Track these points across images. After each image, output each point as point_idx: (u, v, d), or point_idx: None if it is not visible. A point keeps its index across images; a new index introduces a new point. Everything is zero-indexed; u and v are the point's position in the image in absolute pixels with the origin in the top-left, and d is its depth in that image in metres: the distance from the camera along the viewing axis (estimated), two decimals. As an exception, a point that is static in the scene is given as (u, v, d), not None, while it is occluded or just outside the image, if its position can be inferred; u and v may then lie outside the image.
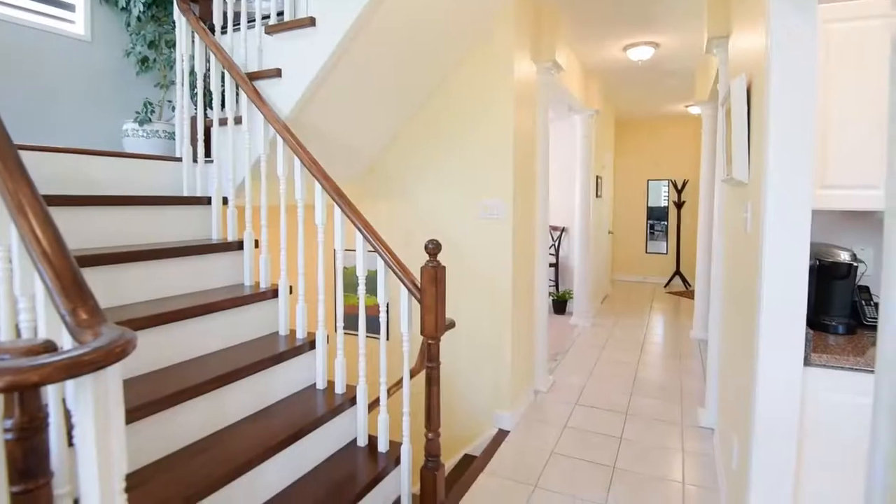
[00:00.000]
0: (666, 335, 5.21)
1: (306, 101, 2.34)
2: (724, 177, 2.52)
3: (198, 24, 2.37)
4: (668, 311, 6.28)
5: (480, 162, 3.07)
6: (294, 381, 2.06)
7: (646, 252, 8.36)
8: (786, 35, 1.60)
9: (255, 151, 2.33)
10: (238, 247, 2.29)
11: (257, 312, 2.15)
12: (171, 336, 1.79)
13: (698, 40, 4.16)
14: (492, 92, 3.01)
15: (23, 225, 0.94)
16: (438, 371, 1.91)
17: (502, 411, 3.10)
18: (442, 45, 2.81)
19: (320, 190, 2.03)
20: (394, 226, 3.37)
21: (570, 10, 3.57)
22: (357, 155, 3.18)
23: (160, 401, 1.51)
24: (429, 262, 1.84)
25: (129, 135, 3.06)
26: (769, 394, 1.64)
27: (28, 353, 0.74)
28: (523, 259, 3.28)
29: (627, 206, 8.45)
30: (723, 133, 2.59)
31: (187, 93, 2.48)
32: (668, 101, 6.71)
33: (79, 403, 0.77)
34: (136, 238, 2.11)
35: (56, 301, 0.86)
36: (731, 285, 2.53)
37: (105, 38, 3.42)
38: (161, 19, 3.36)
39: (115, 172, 2.21)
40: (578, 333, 5.24)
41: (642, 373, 4.06)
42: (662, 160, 8.21)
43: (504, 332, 3.08)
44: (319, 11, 2.22)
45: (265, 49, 2.42)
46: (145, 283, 1.92)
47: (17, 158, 1.04)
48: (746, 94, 2.03)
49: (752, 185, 1.94)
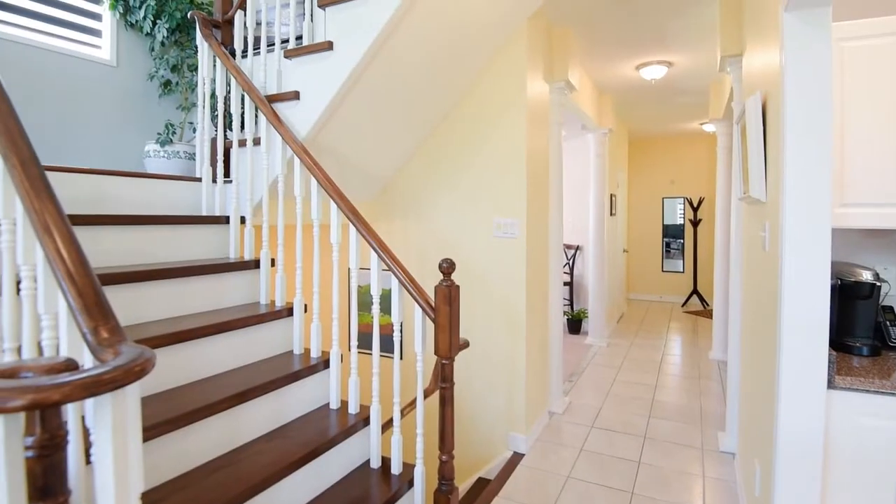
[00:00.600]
0: (684, 356, 5.11)
1: (323, 123, 2.38)
2: (741, 195, 2.50)
3: (219, 48, 2.44)
4: (685, 331, 6.18)
5: (494, 181, 3.08)
6: (308, 401, 2.06)
7: (662, 271, 8.26)
8: (800, 53, 1.60)
9: (272, 172, 2.37)
10: (255, 265, 2.31)
11: (272, 331, 2.16)
12: (188, 354, 1.81)
13: (711, 59, 4.17)
14: (505, 112, 3.04)
15: (48, 244, 0.97)
16: (452, 392, 1.90)
17: (517, 433, 3.06)
18: (456, 67, 2.85)
19: (336, 209, 2.05)
20: (408, 245, 3.38)
21: (581, 30, 3.61)
22: (372, 175, 3.22)
23: (176, 419, 1.52)
24: (443, 281, 1.84)
25: (150, 155, 3.14)
26: (792, 417, 1.60)
27: (50, 371, 0.75)
28: (537, 278, 3.27)
29: (642, 224, 8.39)
30: (738, 151, 2.57)
31: (208, 115, 2.54)
32: (682, 119, 6.70)
33: (98, 422, 0.78)
34: (157, 256, 2.15)
35: (78, 319, 0.88)
36: (751, 305, 2.48)
37: (130, 63, 3.54)
38: (184, 44, 3.47)
39: (137, 192, 2.27)
40: (594, 353, 5.17)
41: (660, 395, 3.98)
42: (677, 178, 8.16)
43: (518, 352, 3.06)
44: (337, 36, 2.27)
45: (284, 72, 2.48)
46: (164, 302, 1.95)
47: (44, 179, 1.07)
48: (762, 113, 2.02)
49: (770, 204, 1.92)
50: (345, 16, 2.25)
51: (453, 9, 2.41)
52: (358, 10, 2.22)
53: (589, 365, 4.79)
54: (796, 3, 1.56)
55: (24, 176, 1.05)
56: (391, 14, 2.14)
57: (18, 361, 0.80)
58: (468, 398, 3.20)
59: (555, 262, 3.57)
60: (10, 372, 0.74)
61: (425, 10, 2.27)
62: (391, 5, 2.13)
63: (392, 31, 2.22)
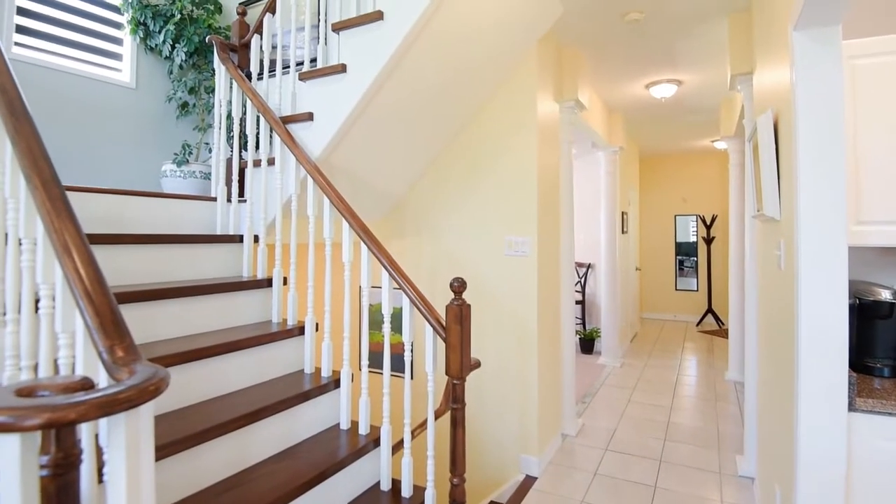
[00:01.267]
0: (700, 376, 5.02)
1: (336, 143, 2.42)
2: (755, 213, 2.48)
3: (236, 71, 2.50)
4: (701, 351, 6.07)
5: (505, 200, 3.09)
6: (318, 421, 2.05)
7: (675, 289, 8.17)
8: (810, 71, 1.60)
9: (286, 191, 2.40)
10: (267, 284, 2.33)
11: (284, 350, 2.16)
12: (201, 373, 1.82)
13: (721, 77, 4.18)
14: (515, 131, 3.06)
15: (67, 263, 0.99)
16: (464, 413, 1.88)
17: (529, 456, 3.01)
18: (467, 87, 2.89)
19: (348, 228, 2.07)
20: (419, 263, 3.39)
21: (590, 50, 3.65)
22: (383, 194, 3.25)
23: (187, 438, 1.52)
24: (454, 300, 1.84)
25: (167, 175, 3.21)
26: (812, 441, 1.56)
27: (66, 389, 0.76)
28: (549, 296, 3.25)
29: (655, 242, 8.33)
30: (751, 169, 2.56)
31: (224, 135, 2.59)
32: (693, 137, 6.69)
33: (112, 441, 0.79)
34: (172, 275, 2.18)
35: (95, 338, 0.89)
36: (767, 325, 2.44)
37: (149, 85, 3.64)
38: (201, 67, 3.56)
39: (154, 211, 2.31)
40: (607, 374, 5.09)
41: (676, 417, 3.90)
42: (690, 195, 8.12)
43: (530, 373, 3.02)
44: (350, 59, 2.32)
45: (298, 94, 2.53)
46: (178, 320, 1.96)
47: (64, 199, 1.09)
48: (774, 130, 2.02)
49: (785, 222, 1.90)
50: (358, 40, 2.30)
51: (464, 32, 2.46)
52: (371, 35, 2.27)
53: (602, 386, 4.71)
54: (805, 22, 1.57)
55: (46, 196, 1.07)
56: (403, 38, 2.18)
57: (35, 380, 0.81)
58: (479, 419, 3.17)
59: (566, 280, 3.55)
60: (28, 390, 0.75)
61: (436, 33, 2.32)
62: (403, 29, 2.18)
63: (404, 53, 2.26)
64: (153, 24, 3.42)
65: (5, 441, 0.70)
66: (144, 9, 3.40)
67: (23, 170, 1.12)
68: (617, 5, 2.94)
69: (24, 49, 3.03)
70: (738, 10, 3.01)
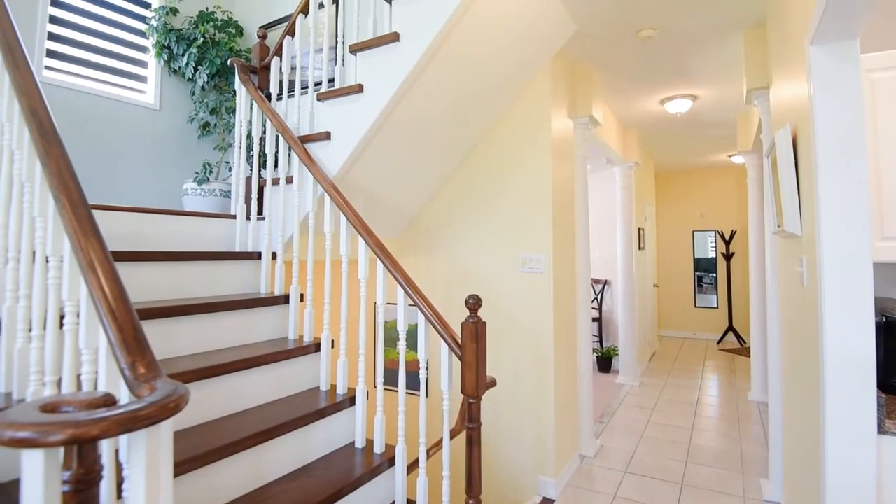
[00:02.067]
0: (721, 396, 4.90)
1: (353, 161, 2.46)
2: (775, 229, 2.44)
3: (256, 92, 2.57)
4: (722, 370, 5.94)
5: (520, 216, 3.09)
6: (333, 439, 2.04)
7: (694, 306, 8.03)
8: (828, 86, 1.58)
9: (303, 209, 2.44)
10: (284, 300, 2.35)
11: (300, 367, 2.17)
12: (218, 389, 1.83)
13: (737, 91, 4.16)
14: (529, 147, 3.08)
15: (92, 281, 1.01)
16: (479, 432, 1.85)
17: (546, 477, 2.95)
18: (481, 105, 2.92)
19: (364, 245, 2.09)
20: (433, 280, 3.39)
21: (604, 66, 3.66)
22: (399, 211, 3.27)
23: (204, 455, 1.52)
24: (469, 317, 1.83)
25: (188, 193, 3.28)
26: (840, 465, 1.50)
27: (89, 406, 0.77)
28: (565, 314, 3.22)
29: (672, 258, 8.23)
30: (770, 183, 2.53)
31: (244, 154, 2.65)
32: (710, 152, 6.64)
33: (132, 457, 0.79)
34: (192, 291, 2.21)
35: (117, 354, 0.91)
36: (791, 343, 2.38)
37: (172, 106, 3.75)
38: (223, 88, 3.66)
39: (175, 229, 2.36)
40: (626, 393, 5.00)
41: (698, 438, 3.81)
42: (707, 210, 8.02)
43: (547, 391, 2.98)
44: (367, 79, 2.37)
45: (316, 114, 2.58)
46: (197, 336, 1.99)
47: (90, 218, 1.12)
48: (792, 145, 1.99)
49: (806, 238, 1.86)
50: (374, 60, 2.35)
51: (477, 51, 2.49)
52: (387, 56, 2.31)
53: (620, 405, 4.63)
54: (822, 37, 1.56)
55: (73, 216, 1.11)
56: (418, 58, 2.22)
57: (59, 396, 0.83)
58: (495, 439, 3.12)
59: (583, 297, 3.52)
60: (52, 406, 0.76)
61: (451, 53, 2.35)
62: (418, 50, 2.22)
63: (419, 73, 2.30)
64: (177, 48, 3.53)
65: (30, 457, 0.71)
66: (169, 33, 3.52)
67: (51, 190, 1.16)
68: (630, 22, 2.96)
69: (54, 72, 3.15)
70: (752, 24, 3.00)
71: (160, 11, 3.55)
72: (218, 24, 3.63)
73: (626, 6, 2.77)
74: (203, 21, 3.56)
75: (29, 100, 1.35)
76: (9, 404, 1.34)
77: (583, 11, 2.82)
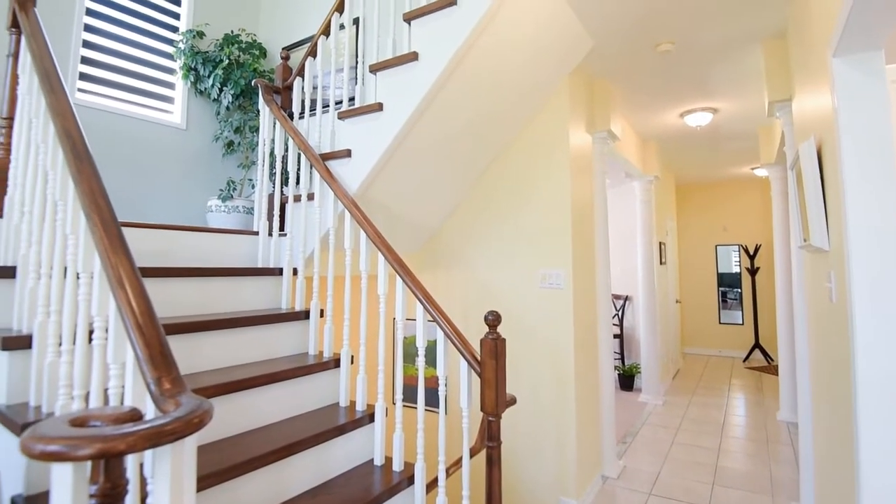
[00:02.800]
0: (749, 416, 4.75)
1: (373, 178, 2.49)
2: (801, 243, 2.38)
3: (279, 112, 2.63)
4: (749, 389, 5.77)
5: (539, 231, 3.08)
6: (352, 456, 2.03)
7: (719, 322, 7.84)
8: (853, 98, 1.55)
9: (324, 225, 2.47)
10: (305, 316, 2.37)
11: (319, 382, 2.18)
12: (239, 405, 1.84)
13: (758, 103, 4.11)
14: (547, 163, 3.07)
15: (121, 296, 1.03)
16: (500, 451, 1.83)
17: (568, 499, 2.88)
18: (499, 122, 2.93)
19: (383, 261, 2.10)
20: (452, 296, 3.39)
21: (622, 81, 3.66)
22: (418, 226, 3.29)
23: (225, 471, 1.53)
24: (489, 333, 1.82)
25: (212, 210, 3.35)
26: (877, 490, 1.44)
27: (116, 420, 0.79)
28: (586, 330, 3.17)
29: (695, 273, 8.07)
30: (795, 197, 2.48)
31: (267, 172, 2.70)
32: (732, 164, 6.54)
33: (157, 472, 0.80)
34: (216, 306, 2.25)
35: (143, 369, 0.93)
36: (820, 361, 2.30)
37: (197, 126, 3.85)
38: (247, 108, 3.75)
39: (200, 245, 2.41)
40: (649, 412, 4.89)
41: (725, 460, 3.69)
42: (731, 224, 7.88)
43: (568, 410, 2.93)
44: (386, 97, 2.41)
45: (337, 132, 2.62)
46: (219, 351, 2.02)
47: (120, 236, 1.16)
48: (817, 158, 1.96)
49: (834, 253, 1.82)
50: (394, 79, 2.39)
51: (495, 69, 2.52)
52: (406, 74, 2.35)
53: (644, 425, 4.52)
54: (845, 49, 1.54)
55: (104, 233, 1.14)
56: (437, 76, 2.25)
57: (87, 410, 0.84)
58: (515, 458, 3.07)
59: (603, 313, 3.47)
60: (81, 420, 0.78)
61: (469, 71, 2.38)
62: (437, 68, 2.25)
63: (438, 91, 2.33)
64: (203, 70, 3.64)
65: (60, 470, 0.72)
66: (195, 55, 3.64)
67: (83, 208, 1.20)
68: (647, 37, 2.96)
69: (86, 94, 3.27)
70: (771, 36, 2.97)
71: (187, 35, 3.67)
72: (242, 45, 3.74)
73: (643, 22, 2.78)
74: (228, 43, 3.67)
75: (63, 121, 1.40)
76: (38, 418, 1.37)
77: (599, 28, 2.84)
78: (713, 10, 2.67)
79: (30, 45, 1.67)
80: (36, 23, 1.76)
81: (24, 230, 1.61)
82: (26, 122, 1.71)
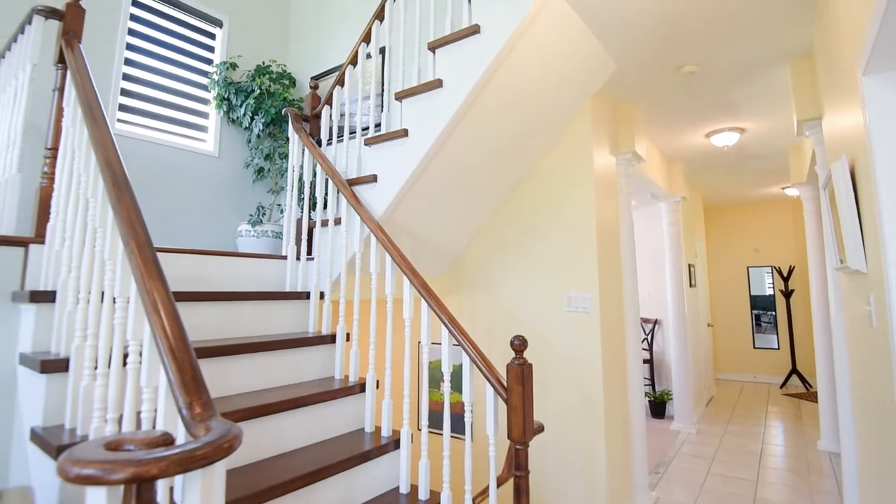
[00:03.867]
0: (788, 446, 4.53)
1: (398, 203, 2.52)
2: (837, 265, 2.30)
3: (308, 139, 2.70)
4: (787, 417, 5.52)
5: (564, 254, 3.06)
6: (377, 482, 2.01)
7: (753, 347, 7.57)
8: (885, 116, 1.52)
9: (350, 249, 2.50)
10: (331, 340, 2.39)
11: (345, 407, 2.18)
12: (266, 429, 1.85)
13: (787, 122, 4.04)
14: (572, 185, 3.07)
15: (155, 321, 1.06)
16: (528, 481, 1.78)
17: (598, 528, 2.78)
18: (522, 145, 2.95)
19: (409, 285, 2.11)
20: (476, 319, 3.37)
21: (646, 103, 3.65)
22: (442, 250, 3.30)
23: (253, 496, 1.53)
24: (515, 359, 1.80)
25: (242, 235, 3.43)
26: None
27: (149, 444, 0.80)
28: (614, 355, 3.10)
29: (727, 295, 7.84)
30: (829, 218, 2.40)
31: (296, 197, 2.77)
32: (762, 184, 6.40)
33: (186, 496, 0.81)
34: (244, 330, 2.28)
35: (175, 393, 0.94)
36: (861, 388, 2.19)
37: (229, 153, 3.98)
38: (276, 135, 3.87)
39: (230, 270, 2.46)
40: (682, 441, 4.71)
41: (764, 492, 3.52)
42: (762, 245, 7.66)
43: (597, 438, 2.85)
44: (411, 123, 2.45)
45: (364, 158, 2.68)
46: (247, 375, 2.04)
47: (155, 261, 1.19)
48: (851, 178, 1.90)
49: (872, 275, 1.75)
50: (419, 106, 2.44)
51: (519, 94, 2.54)
52: (431, 101, 2.39)
53: (677, 455, 4.35)
54: (875, 67, 1.51)
55: (140, 259, 1.18)
56: (461, 103, 2.29)
57: (121, 434, 0.86)
58: (543, 488, 2.99)
59: (632, 337, 3.40)
60: (115, 444, 0.80)
61: (492, 97, 2.41)
62: (461, 95, 2.29)
63: (462, 117, 2.36)
64: (236, 99, 3.78)
65: (94, 493, 0.73)
66: (228, 86, 3.79)
67: (121, 235, 1.24)
68: (671, 59, 2.96)
69: (125, 125, 3.43)
70: (798, 55, 2.93)
71: (221, 66, 3.83)
72: (273, 76, 3.88)
73: (666, 44, 2.78)
74: (260, 74, 3.81)
75: (105, 152, 1.47)
76: (73, 440, 1.40)
77: (622, 51, 2.85)
78: (737, 32, 2.65)
79: (75, 79, 1.76)
80: (81, 58, 1.87)
81: (65, 256, 1.68)
82: (70, 152, 1.79)
